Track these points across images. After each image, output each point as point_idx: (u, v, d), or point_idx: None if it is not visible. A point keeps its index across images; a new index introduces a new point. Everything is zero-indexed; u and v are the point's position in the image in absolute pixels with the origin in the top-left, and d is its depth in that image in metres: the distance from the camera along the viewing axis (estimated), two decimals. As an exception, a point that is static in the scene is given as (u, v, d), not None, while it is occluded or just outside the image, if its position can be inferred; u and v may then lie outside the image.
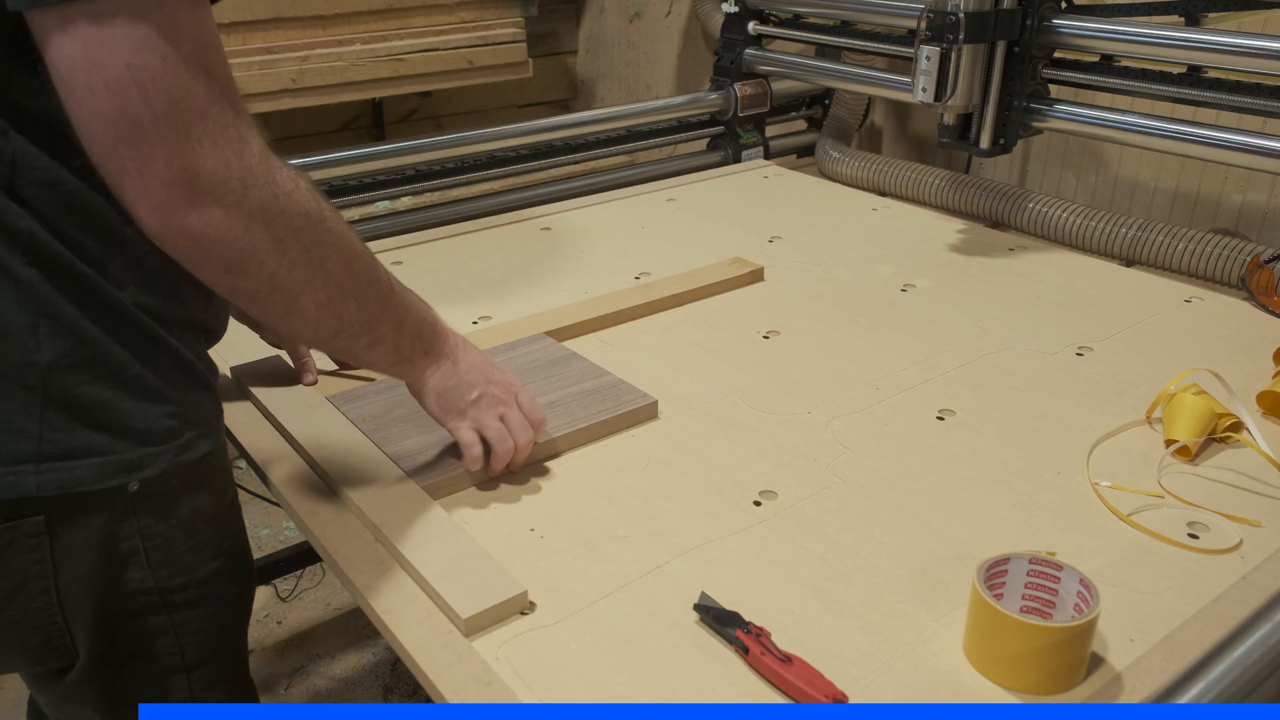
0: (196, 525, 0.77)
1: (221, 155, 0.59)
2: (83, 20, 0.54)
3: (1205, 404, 0.94)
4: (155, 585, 0.76)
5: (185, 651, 0.80)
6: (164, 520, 0.75)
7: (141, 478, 0.71)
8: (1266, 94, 1.27)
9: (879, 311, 1.24)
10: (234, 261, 0.63)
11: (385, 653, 1.71)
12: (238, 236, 0.62)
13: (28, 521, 0.68)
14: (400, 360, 0.81)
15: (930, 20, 1.36)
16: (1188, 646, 0.69)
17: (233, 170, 0.60)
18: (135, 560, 0.74)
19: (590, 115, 1.89)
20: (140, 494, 0.72)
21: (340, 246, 0.69)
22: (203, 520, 0.78)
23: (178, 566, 0.77)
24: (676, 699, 0.66)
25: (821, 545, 0.81)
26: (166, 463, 0.73)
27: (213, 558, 0.80)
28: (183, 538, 0.77)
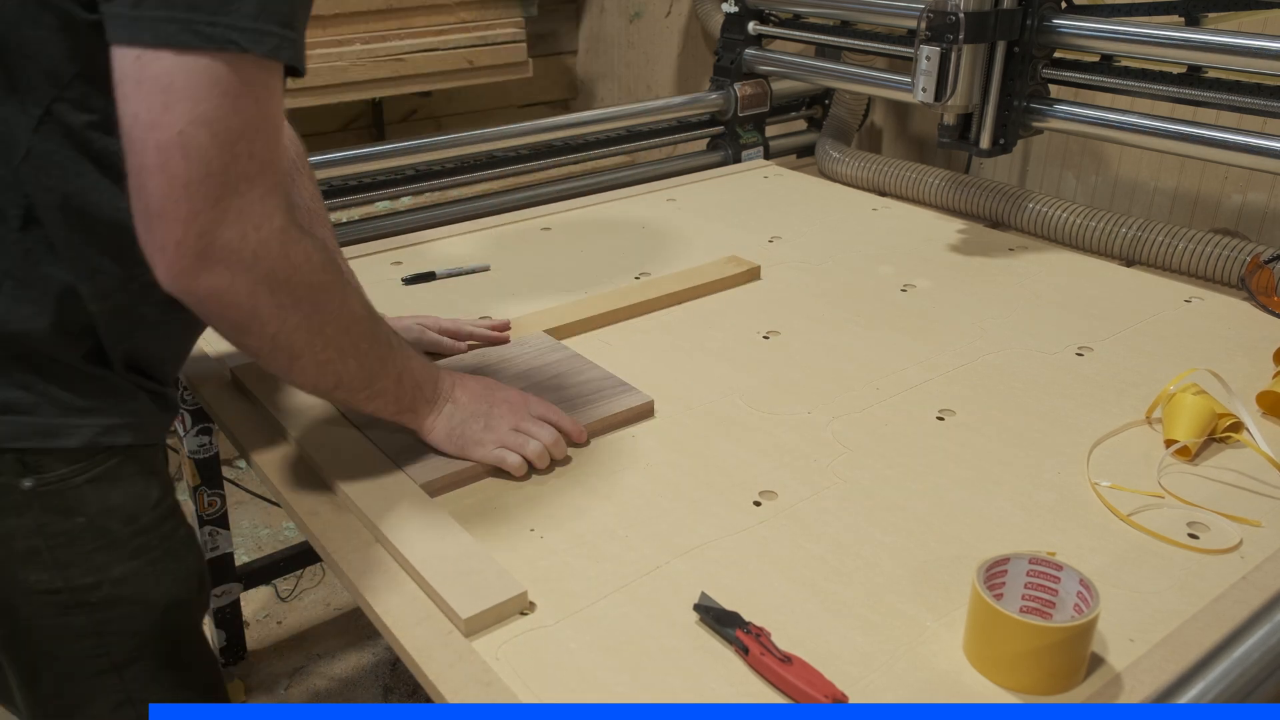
0: (109, 524, 0.77)
1: (240, 228, 0.64)
2: (156, 81, 0.60)
3: (1205, 404, 0.94)
4: (64, 584, 0.76)
5: (111, 652, 0.80)
6: (67, 517, 0.75)
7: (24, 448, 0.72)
8: (1266, 94, 1.27)
9: (879, 311, 1.24)
10: (238, 321, 0.69)
11: (385, 653, 1.71)
12: (241, 301, 0.67)
13: None
14: (402, 410, 0.85)
15: (930, 20, 1.36)
16: (1188, 646, 0.69)
17: (248, 242, 0.65)
18: (36, 561, 0.74)
19: (590, 115, 1.89)
20: (36, 490, 0.73)
21: (342, 314, 0.75)
22: (116, 519, 0.77)
23: (87, 566, 0.76)
24: (676, 699, 0.66)
25: (821, 545, 0.81)
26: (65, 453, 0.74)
27: (130, 556, 0.79)
28: (90, 537, 0.76)
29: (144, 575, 0.80)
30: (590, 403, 0.98)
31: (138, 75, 0.60)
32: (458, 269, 1.34)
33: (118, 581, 0.78)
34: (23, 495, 0.73)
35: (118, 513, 0.78)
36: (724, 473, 0.91)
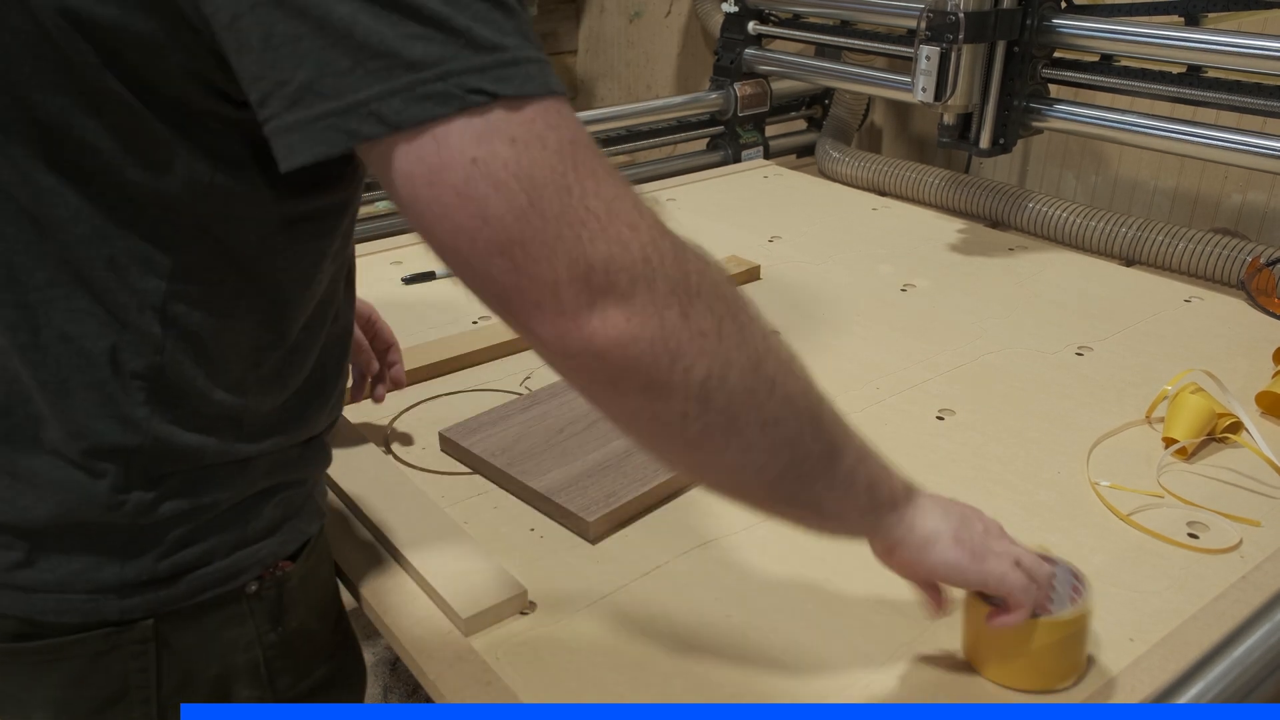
0: (310, 623, 0.69)
1: (615, 234, 0.46)
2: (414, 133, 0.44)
3: (1205, 404, 0.94)
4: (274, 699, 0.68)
5: None
6: (282, 622, 0.67)
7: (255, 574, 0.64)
8: (1266, 94, 1.27)
9: (879, 311, 1.24)
10: (653, 372, 0.48)
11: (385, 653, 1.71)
12: (653, 333, 0.47)
13: (136, 626, 0.61)
14: (877, 508, 0.61)
15: (930, 20, 1.36)
16: (1187, 646, 0.69)
17: (633, 250, 0.46)
18: (253, 675, 0.66)
19: (590, 115, 1.89)
20: (259, 593, 0.65)
21: (769, 338, 0.53)
22: (315, 615, 0.70)
23: (296, 674, 0.69)
24: (676, 699, 0.66)
25: (821, 545, 0.81)
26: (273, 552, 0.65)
27: (328, 659, 0.72)
28: (300, 641, 0.68)
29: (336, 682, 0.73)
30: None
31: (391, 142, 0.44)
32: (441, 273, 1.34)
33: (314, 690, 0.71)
34: (246, 600, 0.64)
35: (315, 604, 0.70)
36: (724, 473, 0.90)
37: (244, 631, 0.65)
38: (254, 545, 0.63)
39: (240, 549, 0.63)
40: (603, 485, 0.84)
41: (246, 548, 0.63)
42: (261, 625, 0.66)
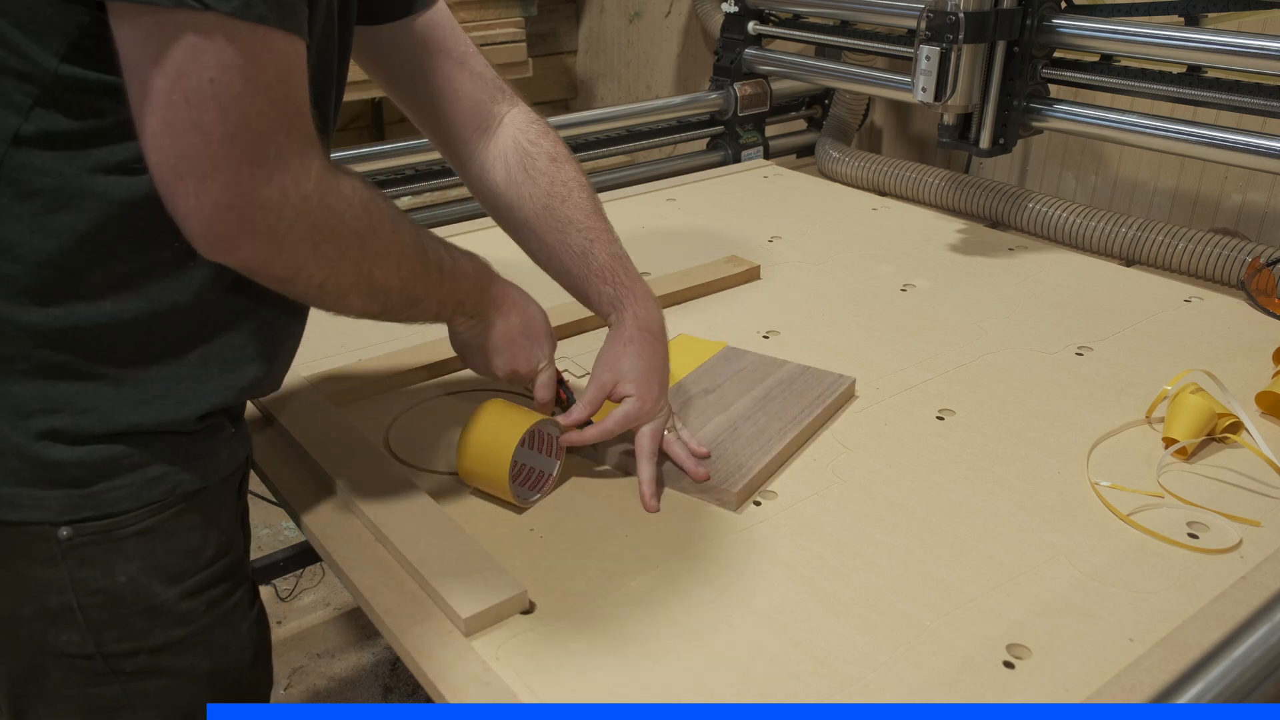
0: (151, 584, 0.69)
1: (279, 183, 0.58)
2: (180, 28, 0.53)
3: (1205, 404, 0.94)
4: (97, 649, 0.68)
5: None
6: (107, 575, 0.67)
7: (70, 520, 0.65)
8: (1266, 94, 1.28)
9: (879, 311, 1.24)
10: (283, 277, 0.64)
11: (385, 653, 1.71)
12: (286, 260, 0.62)
13: None
14: (438, 320, 0.82)
15: (930, 20, 1.36)
16: (1188, 646, 0.69)
17: (289, 198, 0.59)
18: (69, 619, 0.67)
19: (590, 115, 1.89)
20: (74, 542, 0.65)
21: (390, 253, 0.70)
22: (159, 578, 0.69)
23: (124, 630, 0.69)
24: (676, 699, 0.66)
25: (821, 545, 0.81)
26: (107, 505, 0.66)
27: (175, 623, 0.71)
28: (131, 598, 0.68)
29: (188, 645, 0.72)
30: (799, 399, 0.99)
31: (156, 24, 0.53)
32: None
33: (156, 651, 0.70)
34: (59, 545, 0.65)
35: (162, 571, 0.69)
36: (724, 473, 0.91)
37: (56, 574, 0.66)
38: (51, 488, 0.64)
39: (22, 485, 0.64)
40: (726, 459, 0.89)
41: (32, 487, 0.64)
42: (77, 572, 0.66)
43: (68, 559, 0.66)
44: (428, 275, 0.75)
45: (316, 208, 0.61)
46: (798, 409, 0.97)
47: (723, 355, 1.08)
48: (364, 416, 0.99)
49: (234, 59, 0.54)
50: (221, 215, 0.57)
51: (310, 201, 0.61)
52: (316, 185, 0.61)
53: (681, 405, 0.98)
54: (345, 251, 0.65)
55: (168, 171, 0.56)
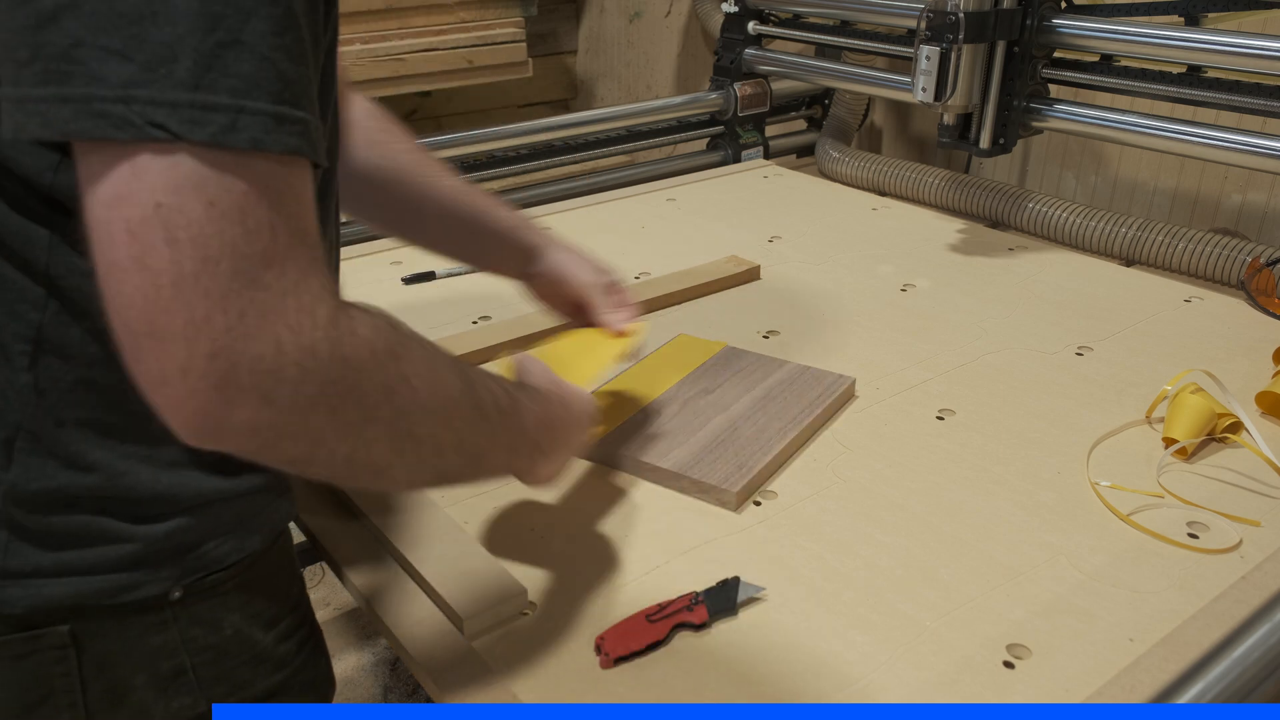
0: (253, 632, 0.66)
1: (272, 334, 0.44)
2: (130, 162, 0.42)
3: (1205, 404, 0.94)
4: (207, 708, 0.65)
5: None
6: (215, 630, 0.64)
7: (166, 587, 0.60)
8: (1266, 94, 1.28)
9: (879, 311, 1.24)
10: (297, 457, 0.50)
11: (385, 653, 1.71)
12: (296, 433, 0.48)
13: (53, 633, 0.59)
14: (513, 473, 0.69)
15: (930, 20, 1.36)
16: (1188, 646, 0.69)
17: (287, 354, 0.45)
18: (181, 681, 0.63)
19: (590, 115, 1.89)
20: (185, 602, 0.62)
21: (432, 405, 0.55)
22: (259, 624, 0.66)
23: (231, 683, 0.66)
24: (676, 699, 0.66)
25: (821, 545, 0.81)
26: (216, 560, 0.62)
27: (274, 669, 0.68)
28: (237, 649, 0.65)
29: (286, 688, 0.70)
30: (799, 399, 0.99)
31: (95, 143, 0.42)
32: (458, 269, 1.34)
33: (259, 699, 0.67)
34: (170, 609, 0.61)
35: (261, 617, 0.66)
36: (724, 473, 0.91)
37: (168, 638, 0.62)
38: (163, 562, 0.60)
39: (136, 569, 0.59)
40: (727, 458, 0.89)
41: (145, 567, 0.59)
42: (188, 632, 0.62)
43: (179, 621, 0.62)
44: (485, 422, 0.61)
45: (328, 362, 0.47)
46: (798, 409, 0.97)
47: (723, 355, 1.08)
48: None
49: (189, 176, 0.42)
50: (193, 386, 0.43)
51: (319, 355, 0.46)
52: (326, 333, 0.47)
53: (682, 406, 0.98)
54: (372, 412, 0.51)
55: (120, 330, 0.44)
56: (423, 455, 0.56)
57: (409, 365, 0.53)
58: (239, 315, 0.43)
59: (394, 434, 0.53)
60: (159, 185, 0.41)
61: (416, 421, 0.54)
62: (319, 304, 0.46)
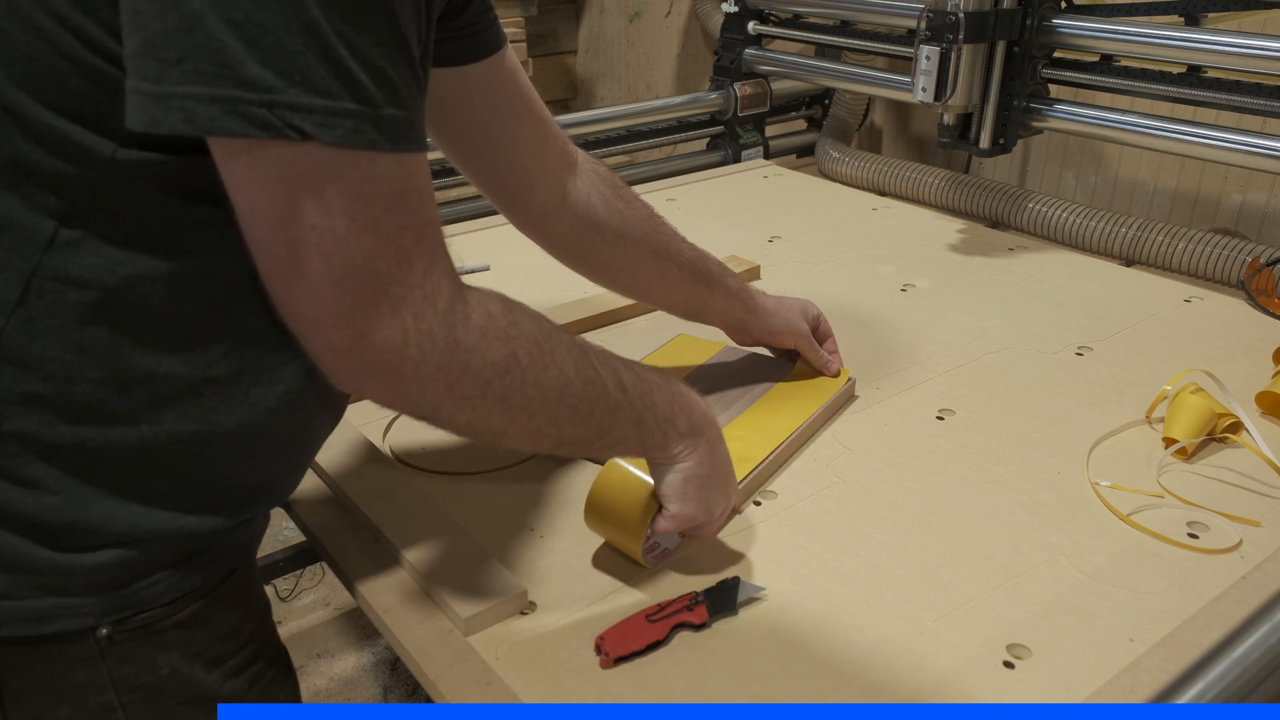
0: (194, 672, 0.64)
1: (400, 323, 0.53)
2: (272, 166, 0.48)
3: (1205, 404, 0.94)
4: None
5: None
6: (149, 670, 0.62)
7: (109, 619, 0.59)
8: (1266, 94, 1.27)
9: (879, 311, 1.24)
10: (423, 415, 0.59)
11: (385, 653, 1.71)
12: (417, 400, 0.57)
13: None
14: (647, 450, 0.72)
15: (930, 20, 1.36)
16: (1188, 646, 0.69)
17: (410, 339, 0.54)
18: (108, 717, 0.61)
19: (590, 115, 1.89)
20: (113, 639, 0.60)
21: (544, 382, 0.61)
22: (201, 664, 0.64)
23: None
24: (676, 699, 0.66)
25: (821, 545, 0.81)
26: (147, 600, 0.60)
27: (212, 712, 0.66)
28: (175, 689, 0.63)
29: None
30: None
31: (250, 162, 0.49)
32: (458, 269, 1.34)
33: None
34: (97, 645, 0.60)
35: (204, 656, 0.64)
36: (724, 473, 0.90)
37: (94, 674, 0.60)
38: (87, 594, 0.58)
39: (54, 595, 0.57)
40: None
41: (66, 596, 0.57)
42: (117, 670, 0.60)
43: (107, 658, 0.60)
44: (606, 397, 0.66)
45: (443, 345, 0.55)
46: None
47: (722, 355, 1.08)
48: (364, 417, 0.99)
49: (335, 200, 0.49)
50: (341, 359, 0.53)
51: (435, 338, 0.55)
52: (443, 319, 0.55)
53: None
54: (485, 388, 0.58)
55: (284, 314, 0.53)
56: (537, 425, 0.63)
57: (519, 345, 0.60)
58: (373, 307, 0.52)
59: (506, 407, 0.60)
60: (312, 210, 0.49)
61: (528, 397, 0.61)
62: (439, 292, 0.55)
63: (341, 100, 0.47)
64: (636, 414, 0.69)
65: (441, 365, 0.56)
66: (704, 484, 0.73)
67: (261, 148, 0.47)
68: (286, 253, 0.50)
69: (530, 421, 0.62)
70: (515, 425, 0.62)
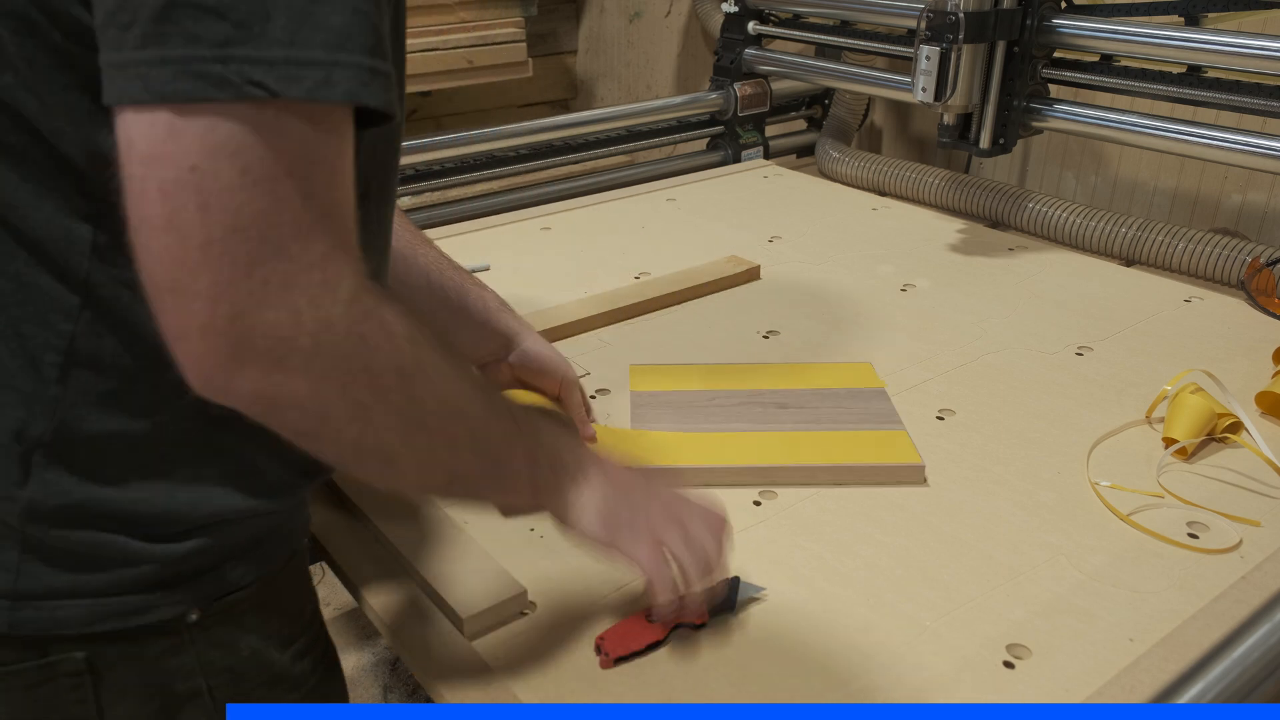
0: (269, 652, 0.65)
1: (291, 304, 0.45)
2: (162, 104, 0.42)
3: (1205, 404, 0.94)
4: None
5: None
6: (232, 652, 0.63)
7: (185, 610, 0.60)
8: (1266, 94, 1.27)
9: (879, 311, 1.24)
10: (302, 429, 0.50)
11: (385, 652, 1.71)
12: (303, 404, 0.48)
13: (68, 659, 0.58)
14: (539, 493, 0.64)
15: (930, 20, 1.36)
16: (1188, 646, 0.69)
17: (303, 324, 0.46)
18: (197, 703, 0.62)
19: (590, 115, 1.89)
20: (201, 624, 0.61)
21: (446, 397, 0.55)
22: (275, 644, 0.65)
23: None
24: (676, 699, 0.66)
25: (821, 545, 0.81)
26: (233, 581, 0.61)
27: (291, 688, 0.67)
28: (255, 670, 0.64)
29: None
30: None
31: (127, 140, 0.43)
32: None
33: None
34: (187, 631, 0.60)
35: (277, 637, 0.65)
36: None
37: (184, 661, 0.61)
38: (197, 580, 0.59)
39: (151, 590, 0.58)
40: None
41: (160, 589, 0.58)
42: (205, 654, 0.61)
43: (196, 643, 0.61)
44: (501, 422, 0.59)
45: (344, 339, 0.48)
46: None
47: None
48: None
49: (227, 140, 0.42)
50: (211, 343, 0.45)
51: (335, 330, 0.47)
52: (346, 310, 0.47)
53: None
54: (384, 395, 0.51)
55: (146, 282, 0.45)
56: (435, 448, 0.55)
57: (426, 354, 0.53)
58: (261, 281, 0.44)
59: (405, 421, 0.52)
60: (195, 147, 0.42)
61: (430, 411, 0.54)
62: (343, 280, 0.47)
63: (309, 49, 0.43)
64: (528, 445, 0.61)
65: (338, 360, 0.48)
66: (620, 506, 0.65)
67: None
68: (159, 197, 0.43)
69: (428, 442, 0.54)
70: (410, 448, 0.53)
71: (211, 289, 0.44)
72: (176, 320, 0.45)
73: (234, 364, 0.46)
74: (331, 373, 0.48)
